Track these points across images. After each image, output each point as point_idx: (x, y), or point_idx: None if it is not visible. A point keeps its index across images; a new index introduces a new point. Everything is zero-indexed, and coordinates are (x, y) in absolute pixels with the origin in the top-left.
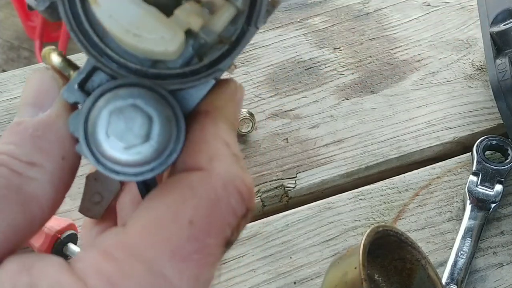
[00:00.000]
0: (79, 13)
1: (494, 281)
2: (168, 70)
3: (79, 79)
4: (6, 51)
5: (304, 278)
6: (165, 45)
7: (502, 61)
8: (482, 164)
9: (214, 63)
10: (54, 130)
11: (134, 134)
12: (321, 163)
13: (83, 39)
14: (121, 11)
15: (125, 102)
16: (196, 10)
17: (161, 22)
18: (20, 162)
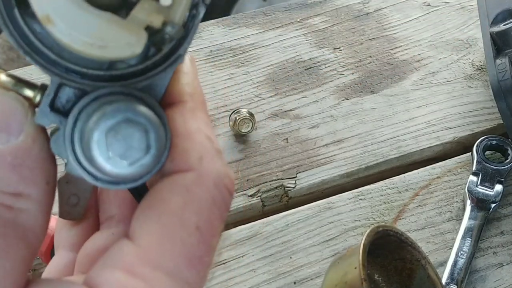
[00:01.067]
0: (27, 33)
1: (494, 281)
2: (130, 68)
3: (49, 101)
4: (6, 51)
5: (304, 278)
6: (132, 49)
7: (502, 61)
8: (482, 164)
9: (173, 50)
10: (33, 156)
11: (136, 149)
12: (321, 163)
13: (40, 60)
14: (79, 25)
15: (117, 119)
16: (152, 8)
17: (122, 28)
18: (5, 194)
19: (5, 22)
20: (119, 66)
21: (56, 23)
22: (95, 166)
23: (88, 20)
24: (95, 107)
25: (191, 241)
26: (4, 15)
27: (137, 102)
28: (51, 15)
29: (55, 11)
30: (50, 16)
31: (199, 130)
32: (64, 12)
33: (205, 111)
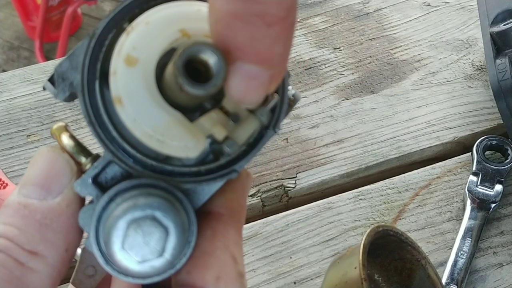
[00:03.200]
0: (99, 105)
1: (494, 281)
2: (184, 168)
3: (93, 174)
4: (6, 51)
5: (304, 278)
6: (187, 152)
7: (502, 61)
8: (482, 164)
9: (230, 163)
10: (62, 220)
11: (150, 249)
12: (321, 163)
13: (101, 133)
14: (146, 115)
15: (144, 213)
16: (220, 120)
17: (185, 130)
18: (23, 250)
19: (83, 89)
20: (173, 162)
21: (125, 106)
22: (109, 252)
23: (157, 113)
24: (132, 194)
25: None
26: (85, 82)
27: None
28: (123, 98)
29: (128, 96)
30: (122, 98)
31: (225, 248)
32: (137, 100)
33: (238, 230)
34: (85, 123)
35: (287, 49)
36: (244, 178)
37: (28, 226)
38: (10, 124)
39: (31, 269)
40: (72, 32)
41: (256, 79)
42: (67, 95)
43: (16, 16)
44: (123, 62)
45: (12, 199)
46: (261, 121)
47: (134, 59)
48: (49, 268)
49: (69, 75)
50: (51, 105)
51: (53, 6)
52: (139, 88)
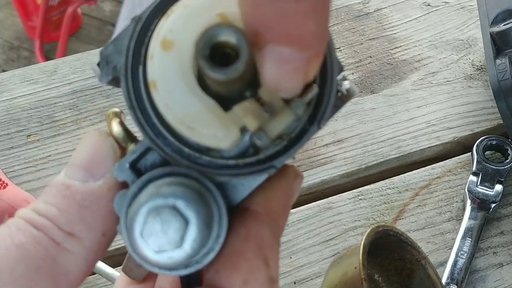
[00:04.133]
0: (141, 90)
1: (494, 281)
2: (221, 160)
3: (131, 159)
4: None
5: (304, 278)
6: (217, 142)
7: (502, 61)
8: (482, 164)
9: (270, 158)
10: (101, 204)
11: (168, 239)
12: (321, 163)
13: (141, 119)
14: (178, 101)
15: (165, 202)
16: (254, 110)
17: (216, 119)
18: (60, 230)
19: (126, 73)
20: (212, 154)
21: (159, 90)
22: (131, 239)
23: (189, 100)
24: (163, 182)
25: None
26: (128, 66)
27: (201, 194)
28: (157, 82)
29: (162, 80)
30: (157, 82)
31: (258, 250)
32: (171, 85)
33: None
34: (85, 123)
35: (322, 27)
36: (291, 178)
37: (68, 207)
38: (10, 124)
39: (66, 249)
40: (72, 32)
41: (289, 63)
42: (110, 78)
43: (16, 16)
44: (159, 46)
45: (57, 179)
46: (296, 114)
47: (170, 43)
48: (84, 251)
49: (113, 58)
50: (51, 105)
51: (53, 6)
52: (173, 72)
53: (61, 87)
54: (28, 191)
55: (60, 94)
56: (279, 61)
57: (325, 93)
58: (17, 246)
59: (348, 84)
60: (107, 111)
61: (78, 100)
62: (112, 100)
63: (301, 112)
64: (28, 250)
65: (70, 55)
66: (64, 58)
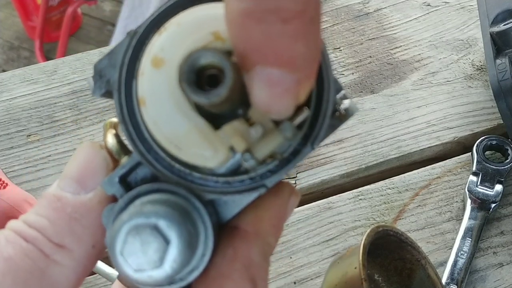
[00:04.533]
0: (134, 105)
1: (494, 281)
2: (212, 177)
3: (121, 173)
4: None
5: (304, 278)
6: (204, 161)
7: (502, 61)
8: (482, 164)
9: (261, 177)
10: (91, 217)
11: (147, 259)
12: (321, 163)
13: (133, 133)
14: (166, 120)
15: (147, 221)
16: (243, 131)
17: (204, 139)
18: (50, 242)
19: (119, 87)
20: (202, 170)
21: (148, 108)
22: (112, 256)
23: (178, 119)
24: (150, 198)
25: None
26: (122, 80)
27: (185, 213)
28: (147, 100)
29: (151, 98)
30: (146, 100)
31: (245, 271)
32: (159, 102)
33: (264, 253)
34: (85, 123)
35: (312, 48)
36: (285, 196)
37: (59, 219)
38: (10, 124)
39: (55, 261)
40: (72, 32)
41: (279, 85)
42: (103, 92)
43: (16, 16)
44: (150, 63)
45: (49, 191)
46: (285, 137)
47: (161, 60)
48: (74, 263)
49: (107, 72)
50: (51, 105)
51: (53, 6)
52: (162, 91)
53: (61, 87)
54: (28, 191)
55: (60, 94)
56: (268, 83)
57: (321, 113)
58: (5, 259)
59: (348, 103)
60: (108, 111)
61: (78, 100)
62: (112, 100)
63: (290, 135)
64: (16, 263)
65: (70, 55)
66: (64, 58)
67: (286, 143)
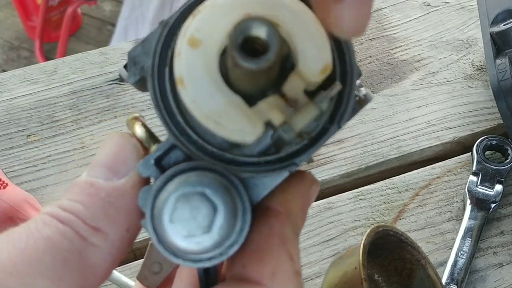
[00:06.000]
0: (166, 90)
1: (494, 281)
2: (244, 157)
3: (156, 156)
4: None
5: (304, 278)
6: (243, 136)
7: (502, 61)
8: (482, 164)
9: (290, 156)
10: (125, 200)
11: (197, 224)
12: (321, 163)
13: (166, 117)
14: (205, 97)
15: (194, 189)
16: (279, 105)
17: (242, 114)
18: (86, 225)
19: (153, 73)
20: (234, 152)
21: (186, 87)
22: (159, 226)
23: (215, 95)
24: (189, 176)
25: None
26: (155, 66)
27: (225, 185)
28: (184, 79)
29: (189, 77)
30: (184, 79)
31: (282, 245)
32: (198, 81)
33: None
34: (85, 123)
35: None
36: (308, 184)
37: (93, 203)
38: (10, 124)
39: (92, 243)
40: (72, 32)
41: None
42: (137, 78)
43: (16, 16)
44: (186, 44)
45: (80, 179)
46: (321, 109)
47: (198, 41)
48: (109, 245)
49: (141, 59)
50: (51, 105)
51: (53, 6)
52: (200, 69)
53: (61, 87)
54: (28, 191)
55: (60, 94)
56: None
57: (345, 94)
58: (45, 238)
59: (365, 90)
60: (107, 111)
61: (78, 100)
62: (112, 100)
63: (325, 107)
64: (55, 242)
65: (70, 55)
66: (64, 58)
67: (314, 123)
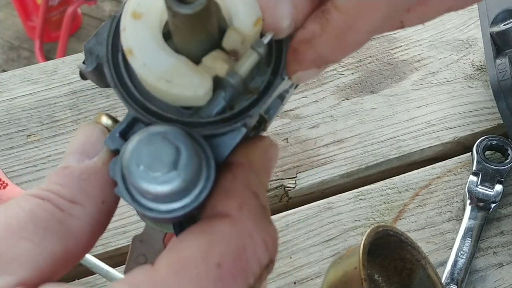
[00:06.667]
0: (122, 72)
1: (494, 281)
2: (202, 119)
3: (120, 128)
4: (6, 51)
5: (304, 278)
6: (194, 89)
7: (502, 61)
8: (482, 164)
9: (244, 111)
10: (98, 176)
11: (162, 162)
12: (321, 163)
13: (124, 94)
14: (153, 59)
15: (155, 132)
16: (222, 57)
17: (190, 69)
18: (63, 199)
19: (108, 59)
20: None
21: (135, 55)
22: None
23: (164, 57)
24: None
25: (207, 276)
26: (109, 53)
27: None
28: (133, 48)
29: (136, 45)
30: (132, 48)
31: (246, 186)
32: (144, 46)
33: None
34: (84, 122)
35: None
36: (267, 143)
37: (68, 182)
38: (10, 124)
39: (71, 214)
40: (72, 32)
41: None
42: (94, 66)
43: (16, 16)
44: (130, 17)
45: (57, 168)
46: (258, 52)
47: (139, 14)
48: (87, 216)
49: (95, 49)
50: (51, 105)
51: (53, 6)
52: (146, 37)
53: (61, 87)
54: None
55: (60, 94)
56: None
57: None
58: (26, 211)
59: None
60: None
61: (78, 100)
62: (112, 100)
63: (262, 51)
64: (36, 213)
65: (70, 55)
66: (64, 58)
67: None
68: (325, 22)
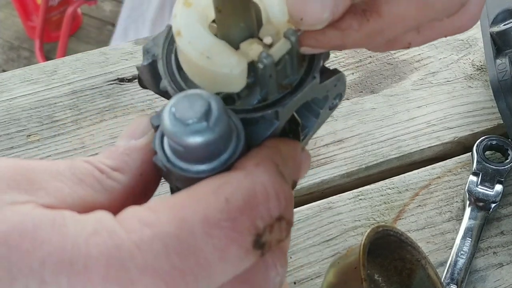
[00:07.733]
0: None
1: (494, 281)
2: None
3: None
4: (6, 51)
5: (304, 278)
6: (230, 67)
7: (502, 61)
8: (482, 164)
9: (276, 102)
10: (140, 153)
11: (194, 111)
12: (321, 163)
13: (173, 84)
14: (198, 39)
15: (192, 93)
16: (258, 42)
17: (229, 49)
18: (105, 166)
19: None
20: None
21: (183, 35)
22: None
23: (206, 37)
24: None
25: (215, 206)
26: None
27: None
28: (181, 30)
29: (184, 27)
30: (181, 30)
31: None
32: (191, 28)
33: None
34: (85, 123)
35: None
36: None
37: (112, 154)
38: (10, 124)
39: (108, 176)
40: (72, 32)
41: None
42: (150, 61)
43: (16, 16)
44: (182, 5)
45: None
46: (290, 40)
47: (190, 2)
48: (125, 180)
49: (152, 50)
50: (51, 105)
51: (53, 6)
52: (193, 21)
53: (61, 87)
54: None
55: (60, 94)
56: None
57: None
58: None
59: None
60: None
61: (78, 100)
62: (112, 100)
63: (294, 39)
64: (76, 165)
65: (70, 55)
66: (64, 58)
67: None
68: (366, 22)
